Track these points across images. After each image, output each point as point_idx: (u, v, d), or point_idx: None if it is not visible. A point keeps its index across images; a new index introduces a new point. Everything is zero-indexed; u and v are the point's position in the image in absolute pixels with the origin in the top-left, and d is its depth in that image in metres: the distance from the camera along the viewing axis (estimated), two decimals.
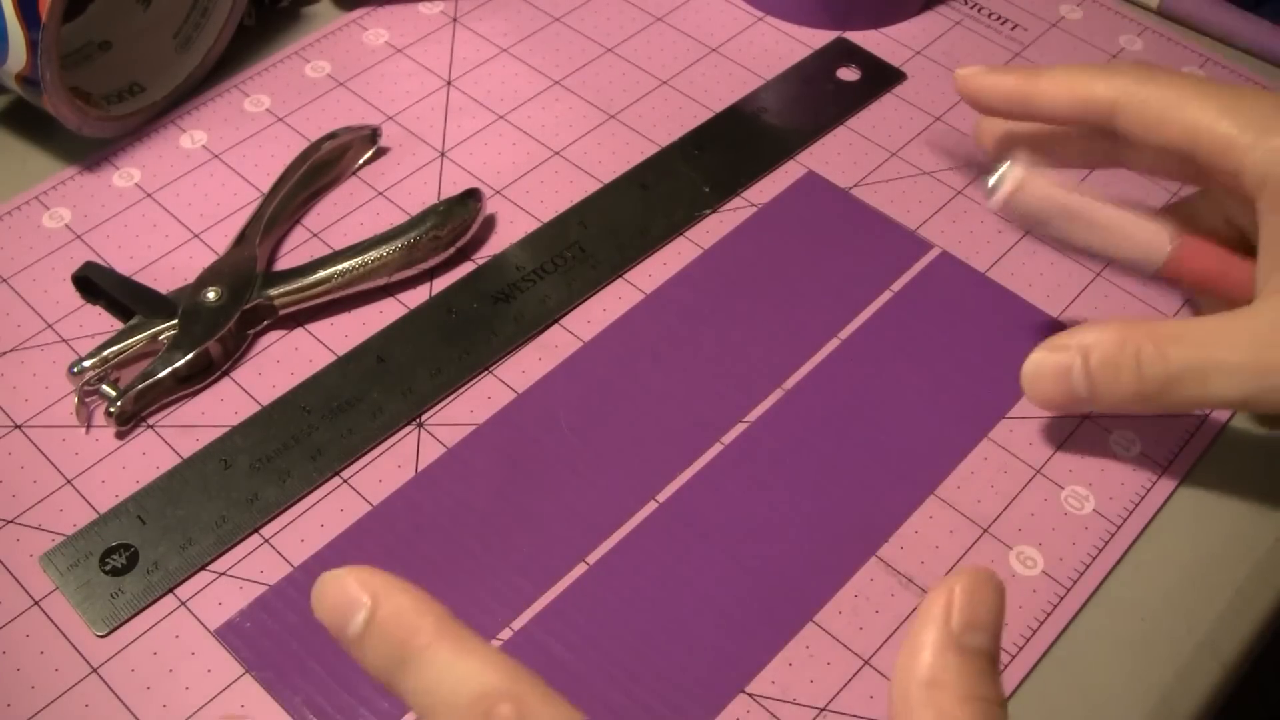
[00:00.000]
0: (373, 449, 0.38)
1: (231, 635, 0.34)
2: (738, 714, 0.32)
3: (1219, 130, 0.33)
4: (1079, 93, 0.36)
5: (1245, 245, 0.36)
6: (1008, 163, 0.36)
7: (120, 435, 0.38)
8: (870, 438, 0.38)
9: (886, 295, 0.42)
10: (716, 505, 0.36)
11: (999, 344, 0.40)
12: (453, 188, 0.45)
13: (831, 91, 0.49)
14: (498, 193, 0.45)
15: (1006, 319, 0.41)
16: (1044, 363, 0.35)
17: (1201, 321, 0.33)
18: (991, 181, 0.36)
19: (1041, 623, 0.34)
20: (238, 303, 0.39)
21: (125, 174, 0.45)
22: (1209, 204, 0.38)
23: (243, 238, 0.41)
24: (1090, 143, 0.38)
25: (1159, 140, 0.35)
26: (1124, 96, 0.35)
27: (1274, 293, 0.33)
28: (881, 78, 0.49)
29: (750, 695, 0.33)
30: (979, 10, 0.53)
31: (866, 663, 0.33)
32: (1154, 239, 0.36)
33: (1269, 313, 0.33)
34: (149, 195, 0.44)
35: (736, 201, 0.45)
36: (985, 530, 0.36)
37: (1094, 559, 0.36)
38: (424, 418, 0.38)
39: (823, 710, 0.33)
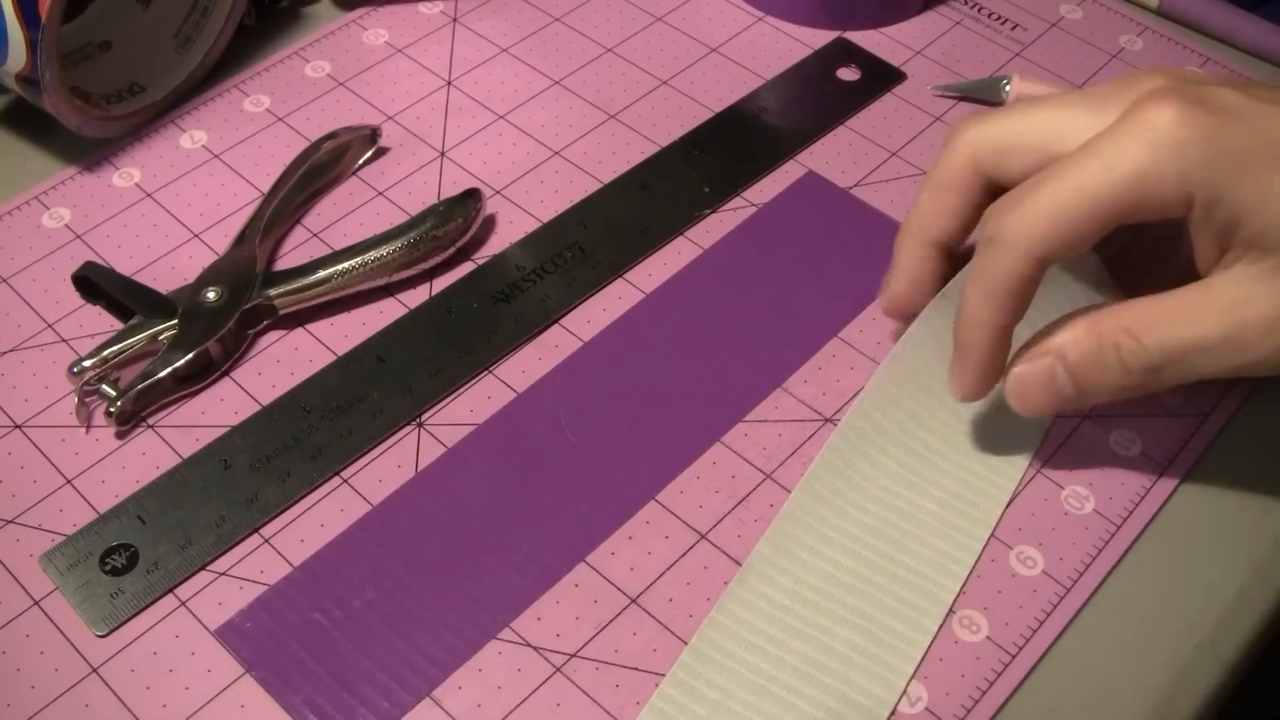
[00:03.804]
0: (373, 449, 0.38)
1: (231, 635, 0.34)
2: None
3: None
4: (1002, 290, 0.34)
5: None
6: (1013, 77, 0.47)
7: (120, 435, 0.38)
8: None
9: None
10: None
11: None
12: (453, 188, 0.45)
13: (831, 91, 0.49)
14: (498, 193, 0.45)
15: None
16: (1025, 375, 0.35)
17: (1167, 301, 0.33)
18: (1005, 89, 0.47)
19: (1041, 623, 0.34)
20: (238, 303, 0.39)
21: (125, 174, 0.45)
22: None
23: (243, 238, 0.41)
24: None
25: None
26: (1039, 251, 0.33)
27: (1223, 269, 0.32)
28: (881, 78, 0.49)
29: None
30: (979, 10, 0.53)
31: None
32: None
33: (1227, 285, 0.32)
34: (149, 195, 0.44)
35: (736, 201, 0.45)
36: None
37: (1094, 559, 0.36)
38: (424, 418, 0.38)
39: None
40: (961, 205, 0.36)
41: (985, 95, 0.48)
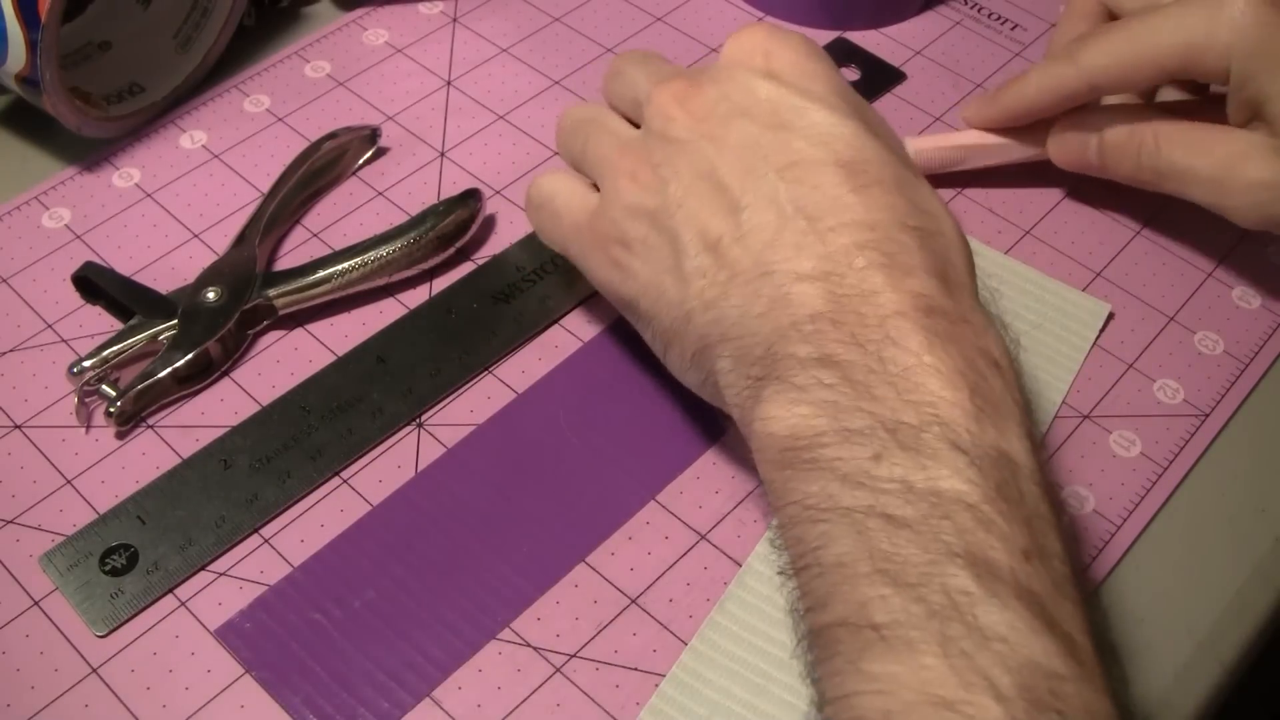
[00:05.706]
0: (373, 449, 0.38)
1: (231, 635, 0.34)
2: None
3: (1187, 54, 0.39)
4: (1058, 91, 0.41)
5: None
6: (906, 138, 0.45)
7: (120, 435, 0.38)
8: None
9: None
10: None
11: None
12: (453, 188, 0.45)
13: None
14: (498, 193, 0.45)
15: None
16: (1069, 132, 0.42)
17: (1192, 130, 0.40)
18: None
19: None
20: (238, 303, 0.39)
21: (125, 174, 0.45)
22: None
23: (243, 238, 0.41)
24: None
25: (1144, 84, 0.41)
26: (1097, 79, 0.40)
27: (1245, 130, 0.39)
28: (881, 78, 0.49)
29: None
30: (979, 10, 0.53)
31: None
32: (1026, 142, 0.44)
33: (1238, 140, 0.39)
34: (149, 195, 0.44)
35: None
36: None
37: (1094, 559, 0.36)
38: (424, 418, 0.38)
39: None
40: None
41: None
